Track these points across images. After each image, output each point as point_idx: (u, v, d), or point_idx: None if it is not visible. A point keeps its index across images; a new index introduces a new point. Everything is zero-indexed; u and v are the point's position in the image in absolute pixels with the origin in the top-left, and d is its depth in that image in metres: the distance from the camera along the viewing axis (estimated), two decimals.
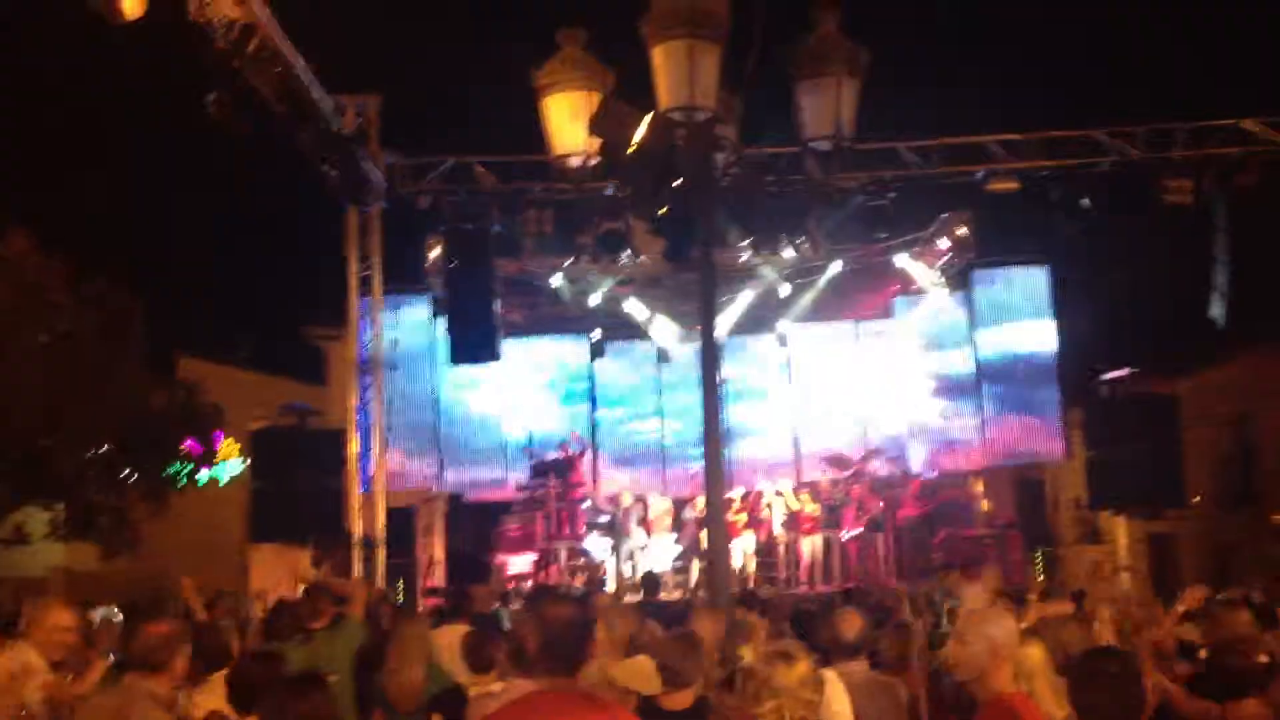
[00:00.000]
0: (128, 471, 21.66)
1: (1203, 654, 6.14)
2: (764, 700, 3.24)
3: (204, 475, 25.06)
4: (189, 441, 23.20)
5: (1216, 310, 15.65)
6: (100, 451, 20.63)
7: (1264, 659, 5.72)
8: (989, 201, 16.27)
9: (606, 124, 6.82)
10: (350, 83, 14.48)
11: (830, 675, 5.08)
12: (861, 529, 17.34)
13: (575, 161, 7.49)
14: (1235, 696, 5.12)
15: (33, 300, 19.05)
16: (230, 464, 25.66)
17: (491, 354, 16.72)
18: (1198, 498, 17.81)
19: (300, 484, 14.86)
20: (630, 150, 6.71)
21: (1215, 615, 6.05)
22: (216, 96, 10.85)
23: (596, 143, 7.14)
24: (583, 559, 17.57)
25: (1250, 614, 6.18)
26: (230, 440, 25.26)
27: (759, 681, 3.28)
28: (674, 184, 6.80)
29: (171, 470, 22.91)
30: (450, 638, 6.73)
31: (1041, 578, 16.81)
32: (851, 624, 5.33)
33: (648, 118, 6.62)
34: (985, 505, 18.86)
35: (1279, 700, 5.13)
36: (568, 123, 7.48)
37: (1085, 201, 15.39)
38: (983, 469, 18.97)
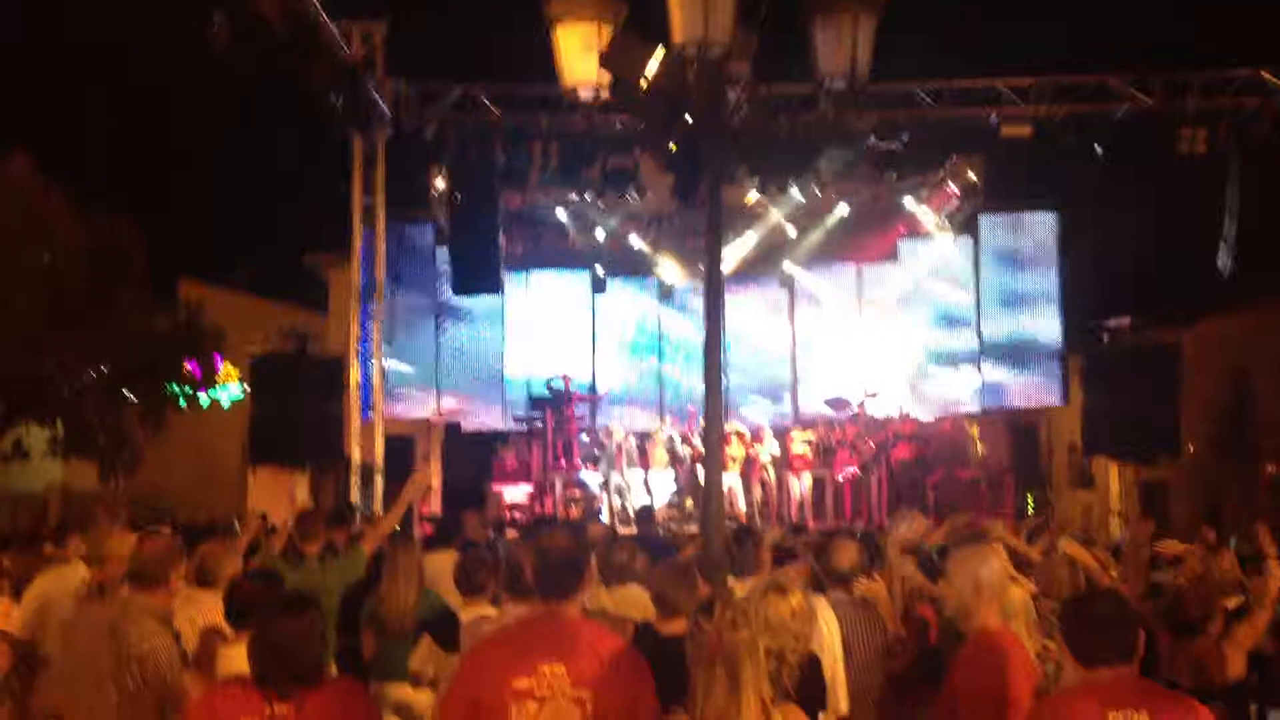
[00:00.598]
0: (127, 392, 21.75)
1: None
2: (739, 629, 3.29)
3: (204, 398, 25.18)
4: (190, 364, 23.27)
5: (1224, 261, 15.63)
6: (100, 371, 20.68)
7: (1237, 601, 5.81)
8: (1000, 146, 16.19)
9: (618, 58, 6.76)
10: (357, 9, 14.35)
11: (821, 602, 5.19)
12: (855, 469, 17.44)
13: (585, 94, 7.39)
14: (1187, 633, 5.26)
15: (34, 224, 19.02)
16: (230, 388, 25.76)
17: (494, 285, 16.74)
18: (1192, 447, 17.89)
19: (299, 410, 14.93)
20: (641, 85, 6.66)
21: (1197, 559, 6.14)
22: (222, 19, 10.76)
23: (607, 76, 7.07)
24: (578, 491, 17.69)
25: (1234, 560, 6.27)
26: (230, 365, 25.35)
27: (737, 610, 3.33)
28: (685, 120, 6.75)
29: (171, 392, 23.01)
30: (442, 563, 6.80)
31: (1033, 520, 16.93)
32: (847, 553, 5.42)
33: (660, 52, 6.55)
34: (980, 448, 18.95)
35: (1237, 637, 5.24)
36: (578, 54, 7.38)
37: (1098, 148, 15.31)
38: (980, 412, 19.04)
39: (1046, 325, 18.71)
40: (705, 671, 3.30)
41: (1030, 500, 18.01)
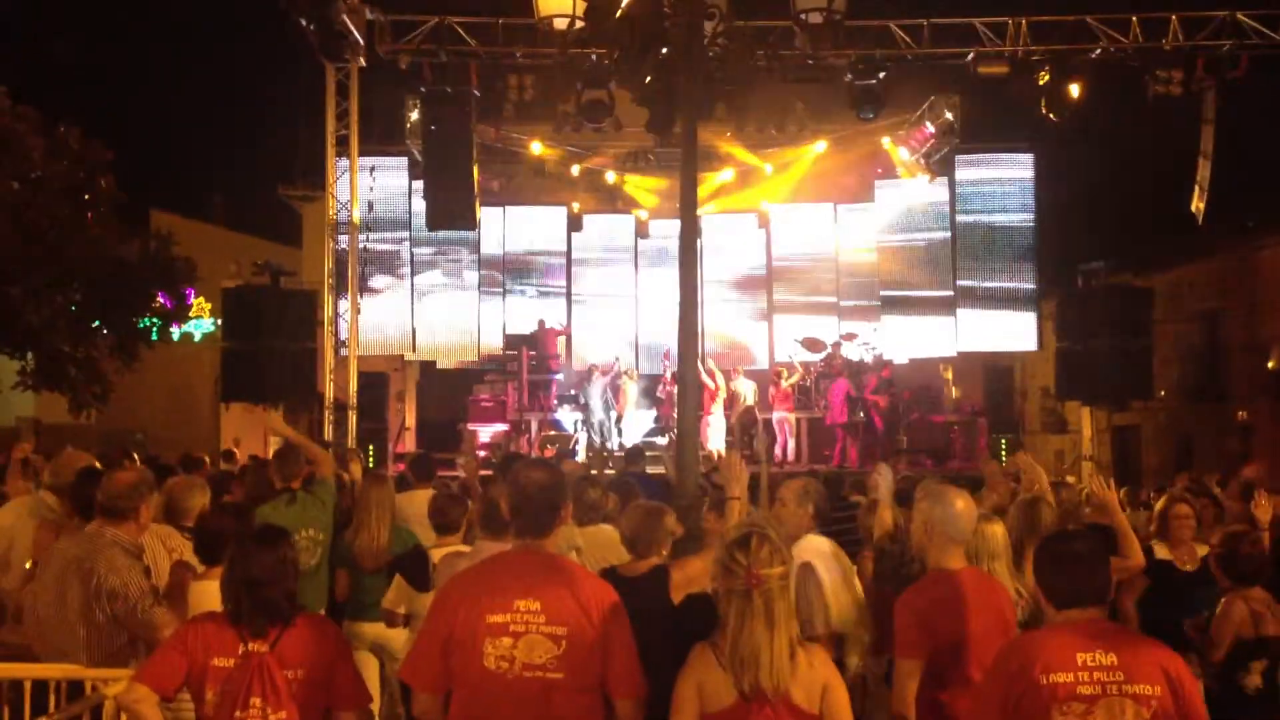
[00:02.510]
0: (98, 323, 21.47)
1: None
2: (775, 565, 3.29)
3: (176, 332, 24.95)
4: (161, 296, 22.97)
5: (1197, 205, 15.65)
6: (70, 301, 20.38)
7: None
8: (977, 85, 16.11)
9: None
10: None
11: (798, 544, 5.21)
12: (830, 410, 17.46)
13: (560, 25, 7.22)
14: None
15: (3, 147, 18.65)
16: (202, 322, 25.54)
17: (469, 220, 16.59)
18: (1163, 392, 18.00)
19: (272, 345, 14.78)
20: (617, 15, 6.53)
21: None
22: None
23: (583, 6, 6.92)
24: (554, 430, 17.67)
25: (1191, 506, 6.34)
26: (202, 299, 25.09)
27: (773, 546, 3.32)
28: (661, 53, 6.63)
29: (143, 324, 22.74)
30: (417, 502, 6.78)
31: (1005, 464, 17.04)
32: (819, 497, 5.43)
33: None
34: (954, 392, 19.02)
35: None
36: None
37: (1074, 88, 15.26)
38: (954, 356, 19.07)
39: (1021, 267, 18.72)
40: (739, 606, 3.27)
41: (1003, 444, 18.10)
